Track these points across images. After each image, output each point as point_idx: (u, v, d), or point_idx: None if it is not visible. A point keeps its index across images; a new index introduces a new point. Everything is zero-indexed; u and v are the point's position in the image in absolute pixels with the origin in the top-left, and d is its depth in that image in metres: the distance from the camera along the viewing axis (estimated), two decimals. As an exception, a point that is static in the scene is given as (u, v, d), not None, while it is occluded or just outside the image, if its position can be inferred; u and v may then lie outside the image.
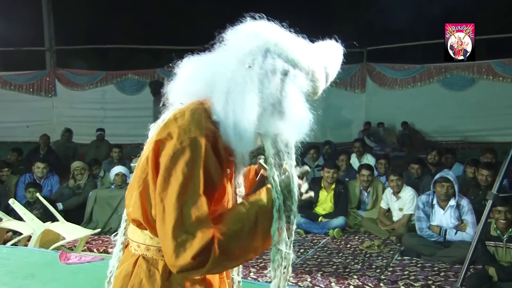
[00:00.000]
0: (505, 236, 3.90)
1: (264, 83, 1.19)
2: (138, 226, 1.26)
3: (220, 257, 1.11)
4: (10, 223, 4.71)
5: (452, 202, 4.68)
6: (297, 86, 1.23)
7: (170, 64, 1.37)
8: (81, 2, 10.61)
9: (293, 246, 1.27)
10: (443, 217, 4.74)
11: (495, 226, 3.94)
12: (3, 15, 11.39)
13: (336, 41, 1.38)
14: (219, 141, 1.17)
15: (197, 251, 1.07)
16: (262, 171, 1.39)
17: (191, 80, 1.27)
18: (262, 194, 1.24)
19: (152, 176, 1.17)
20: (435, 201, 4.78)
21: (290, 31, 1.31)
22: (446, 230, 4.68)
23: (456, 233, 4.64)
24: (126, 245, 1.37)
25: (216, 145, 1.16)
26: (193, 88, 1.25)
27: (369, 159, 7.14)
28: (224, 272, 1.41)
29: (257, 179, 1.43)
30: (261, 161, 1.36)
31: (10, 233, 4.97)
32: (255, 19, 1.26)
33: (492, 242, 3.94)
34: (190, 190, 1.10)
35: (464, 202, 4.71)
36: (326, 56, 1.31)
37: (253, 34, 1.23)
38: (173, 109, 1.26)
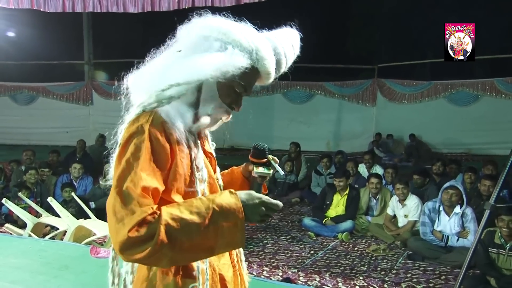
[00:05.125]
0: (508, 245, 3.82)
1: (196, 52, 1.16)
2: None
3: (166, 244, 0.98)
4: (48, 219, 4.82)
5: (458, 209, 4.59)
6: (235, 64, 1.14)
7: None
8: (117, 22, 10.85)
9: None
10: (447, 224, 4.65)
11: (499, 234, 3.86)
12: (47, 33, 11.72)
13: (294, 27, 1.28)
14: (166, 128, 1.11)
15: (134, 224, 0.96)
16: (254, 174, 1.31)
17: (145, 76, 1.27)
18: (224, 195, 1.10)
19: None
20: (441, 208, 4.70)
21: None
22: (448, 237, 4.60)
23: (458, 239, 4.55)
24: None
25: (163, 131, 1.10)
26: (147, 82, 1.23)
27: (377, 170, 7.07)
28: (237, 265, 1.33)
29: (255, 181, 1.33)
30: (260, 169, 1.30)
31: (48, 228, 5.09)
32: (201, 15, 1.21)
33: (495, 250, 3.86)
34: (131, 171, 1.03)
35: (469, 211, 4.62)
36: (278, 39, 1.23)
37: (197, 26, 1.20)
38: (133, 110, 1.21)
